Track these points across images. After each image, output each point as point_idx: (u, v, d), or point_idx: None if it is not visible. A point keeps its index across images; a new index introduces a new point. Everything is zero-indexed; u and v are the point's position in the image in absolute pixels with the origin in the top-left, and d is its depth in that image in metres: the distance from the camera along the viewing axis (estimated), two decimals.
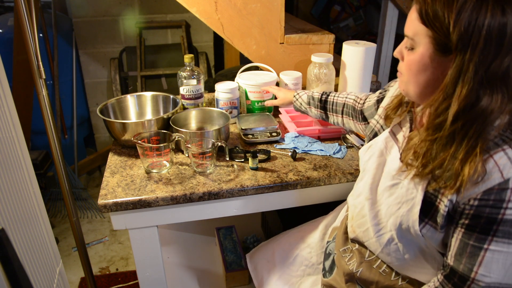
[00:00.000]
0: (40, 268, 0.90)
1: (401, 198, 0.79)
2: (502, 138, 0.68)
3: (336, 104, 1.18)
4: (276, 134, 1.31)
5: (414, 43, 0.73)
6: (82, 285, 1.93)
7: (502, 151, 0.67)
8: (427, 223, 0.76)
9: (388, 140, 0.87)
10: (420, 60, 0.72)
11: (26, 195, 0.88)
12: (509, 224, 0.67)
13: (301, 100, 1.25)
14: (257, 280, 1.20)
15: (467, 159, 0.67)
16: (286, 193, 1.14)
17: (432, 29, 0.68)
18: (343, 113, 1.17)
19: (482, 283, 0.70)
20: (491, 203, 0.67)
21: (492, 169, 0.66)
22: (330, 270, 1.02)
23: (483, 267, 0.70)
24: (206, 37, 3.03)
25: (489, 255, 0.69)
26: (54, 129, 1.23)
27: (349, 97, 1.16)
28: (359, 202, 0.91)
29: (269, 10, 1.53)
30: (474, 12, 0.63)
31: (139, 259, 1.13)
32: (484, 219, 0.68)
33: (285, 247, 1.21)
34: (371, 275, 0.90)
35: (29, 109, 2.33)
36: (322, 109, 1.21)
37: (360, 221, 0.91)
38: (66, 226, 2.33)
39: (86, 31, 2.75)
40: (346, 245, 0.98)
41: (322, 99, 1.21)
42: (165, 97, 1.42)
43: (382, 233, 0.85)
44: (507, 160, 0.66)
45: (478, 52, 0.64)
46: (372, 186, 0.87)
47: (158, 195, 1.04)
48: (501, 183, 0.66)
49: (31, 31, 1.10)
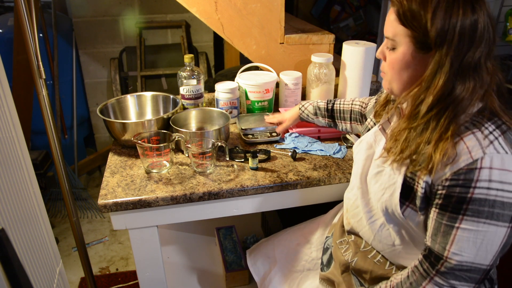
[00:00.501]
0: (40, 268, 0.90)
1: (384, 184, 0.83)
2: (473, 122, 0.72)
3: (344, 112, 1.21)
4: (276, 134, 1.32)
5: (395, 43, 0.77)
6: (82, 285, 1.93)
7: (472, 134, 0.71)
8: (408, 206, 0.80)
9: (377, 134, 0.92)
10: (402, 58, 0.77)
11: (26, 195, 0.88)
12: (477, 203, 0.69)
13: (307, 111, 1.27)
14: (258, 276, 1.22)
15: (439, 142, 0.72)
16: (286, 193, 1.14)
17: (411, 29, 0.73)
18: (351, 120, 1.20)
19: (453, 261, 0.73)
20: (460, 182, 0.70)
21: (462, 150, 0.70)
22: (328, 264, 1.05)
23: (455, 246, 0.72)
24: (206, 37, 3.03)
25: (460, 234, 0.72)
26: (54, 129, 1.23)
27: (355, 103, 1.19)
28: (353, 194, 0.95)
29: (269, 10, 1.53)
30: (448, 10, 0.69)
31: (139, 259, 1.13)
32: (455, 198, 0.71)
33: (286, 243, 1.22)
34: (366, 265, 0.92)
35: (29, 109, 2.33)
36: (330, 117, 1.24)
37: (354, 212, 0.95)
38: (66, 226, 2.33)
39: (86, 31, 2.75)
40: (342, 237, 1.01)
41: (328, 108, 1.23)
42: (165, 97, 1.42)
43: (374, 220, 0.89)
44: (476, 142, 0.70)
45: (453, 47, 0.70)
46: (361, 176, 0.92)
47: (158, 195, 1.04)
48: (470, 163, 0.69)
49: (31, 31, 1.10)
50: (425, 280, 0.76)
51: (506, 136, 0.71)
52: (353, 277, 0.96)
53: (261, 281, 1.20)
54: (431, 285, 0.76)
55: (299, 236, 1.22)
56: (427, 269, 0.76)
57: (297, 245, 1.20)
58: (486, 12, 0.70)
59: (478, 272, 0.73)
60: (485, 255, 0.71)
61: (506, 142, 0.70)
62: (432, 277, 0.75)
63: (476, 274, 0.73)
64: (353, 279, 0.96)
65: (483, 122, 0.72)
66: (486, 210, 0.69)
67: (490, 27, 0.70)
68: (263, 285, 1.18)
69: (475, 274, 0.73)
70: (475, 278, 0.73)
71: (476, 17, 0.69)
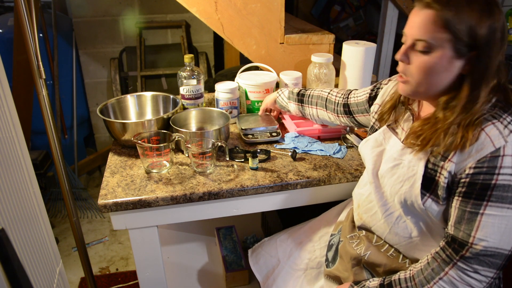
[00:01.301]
0: (40, 268, 0.90)
1: (403, 177, 0.86)
2: (492, 114, 0.76)
3: (312, 97, 1.26)
4: (276, 134, 1.31)
5: (431, 46, 0.75)
6: (82, 285, 1.93)
7: (492, 124, 0.75)
8: (429, 197, 0.82)
9: (386, 132, 0.95)
10: (438, 62, 0.76)
11: (26, 195, 0.88)
12: (501, 189, 0.73)
13: (283, 96, 1.33)
14: (261, 275, 1.22)
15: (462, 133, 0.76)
16: (286, 193, 1.14)
17: (455, 34, 0.73)
18: (317, 105, 1.25)
19: (479, 247, 0.75)
20: (484, 170, 0.73)
21: (484, 140, 0.74)
22: (333, 260, 1.06)
23: (480, 231, 0.75)
24: (206, 37, 3.03)
25: (485, 220, 0.74)
26: (54, 129, 1.23)
27: (325, 91, 1.24)
28: (366, 190, 0.97)
29: (269, 10, 1.53)
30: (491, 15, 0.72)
31: (139, 259, 1.13)
32: (479, 185, 0.74)
33: (288, 242, 1.22)
34: (379, 258, 0.94)
35: (29, 109, 2.33)
36: (300, 101, 1.28)
37: (367, 207, 0.97)
38: (66, 226, 2.33)
39: (86, 31, 2.75)
40: (353, 232, 1.03)
41: (300, 92, 1.29)
42: (165, 97, 1.42)
43: (390, 212, 0.91)
44: (497, 132, 0.74)
45: (493, 50, 0.73)
46: (373, 171, 0.94)
47: (158, 195, 1.04)
48: (493, 151, 0.73)
49: (31, 31, 1.10)
50: (448, 266, 0.79)
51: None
52: (365, 270, 0.97)
53: (264, 281, 1.20)
54: (455, 269, 0.78)
55: (301, 235, 1.22)
56: (450, 255, 0.79)
57: (300, 243, 1.20)
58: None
59: (501, 258, 0.75)
60: (508, 239, 0.74)
61: None
62: (456, 262, 0.78)
63: (498, 259, 0.75)
64: (365, 273, 0.97)
65: (501, 113, 0.76)
66: (510, 196, 0.72)
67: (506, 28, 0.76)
68: (266, 284, 1.18)
69: (497, 259, 0.75)
70: (497, 263, 0.75)
71: (503, 19, 0.73)
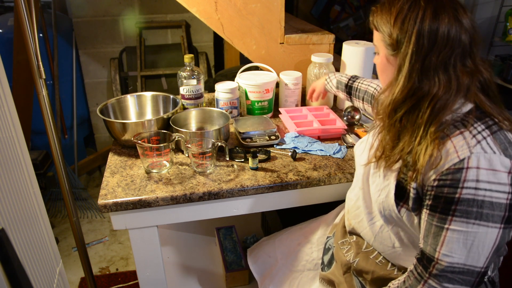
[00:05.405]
0: (40, 268, 0.90)
1: (380, 186, 0.84)
2: (463, 122, 0.73)
3: (359, 91, 1.25)
4: (275, 137, 1.30)
5: (377, 48, 0.85)
6: (82, 285, 1.93)
7: (460, 134, 0.71)
8: (402, 206, 0.80)
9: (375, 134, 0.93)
10: (381, 61, 0.84)
11: (26, 195, 0.88)
12: (465, 203, 0.69)
13: (331, 84, 1.34)
14: (259, 275, 1.22)
15: (424, 143, 0.73)
16: (286, 193, 1.14)
17: (381, 33, 0.80)
18: (364, 100, 1.25)
19: (444, 263, 0.72)
20: (448, 182, 0.70)
21: (449, 150, 0.70)
22: (329, 264, 1.05)
23: (445, 247, 0.71)
24: (206, 37, 3.03)
25: (449, 235, 0.71)
26: (54, 129, 1.23)
27: (371, 85, 1.22)
28: (355, 194, 0.95)
29: (269, 10, 1.53)
30: (407, 16, 0.75)
31: (139, 259, 1.13)
32: (443, 199, 0.71)
33: (287, 243, 1.22)
34: (367, 265, 0.92)
35: (29, 109, 2.33)
36: (348, 94, 1.29)
37: (355, 212, 0.95)
38: (66, 226, 2.33)
39: (86, 31, 2.75)
40: (344, 238, 1.01)
41: (348, 84, 1.29)
42: (165, 97, 1.42)
43: (374, 221, 0.89)
44: (463, 142, 0.70)
45: (412, 48, 0.74)
46: (363, 176, 0.91)
47: (158, 195, 1.04)
48: (457, 163, 0.69)
49: (31, 31, 1.10)
50: (420, 284, 0.76)
51: (496, 136, 0.71)
52: (354, 278, 0.96)
53: (261, 280, 1.20)
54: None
55: (300, 236, 1.22)
56: (421, 273, 0.76)
57: (298, 244, 1.20)
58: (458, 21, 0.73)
59: (472, 275, 0.71)
60: (477, 256, 0.70)
61: (495, 142, 0.70)
62: (426, 280, 0.75)
63: (470, 276, 0.71)
64: (355, 280, 0.96)
65: (472, 122, 0.72)
66: (475, 211, 0.68)
67: (462, 33, 0.73)
68: (263, 284, 1.18)
69: (468, 276, 0.71)
70: (470, 280, 0.72)
71: (437, 24, 0.72)
